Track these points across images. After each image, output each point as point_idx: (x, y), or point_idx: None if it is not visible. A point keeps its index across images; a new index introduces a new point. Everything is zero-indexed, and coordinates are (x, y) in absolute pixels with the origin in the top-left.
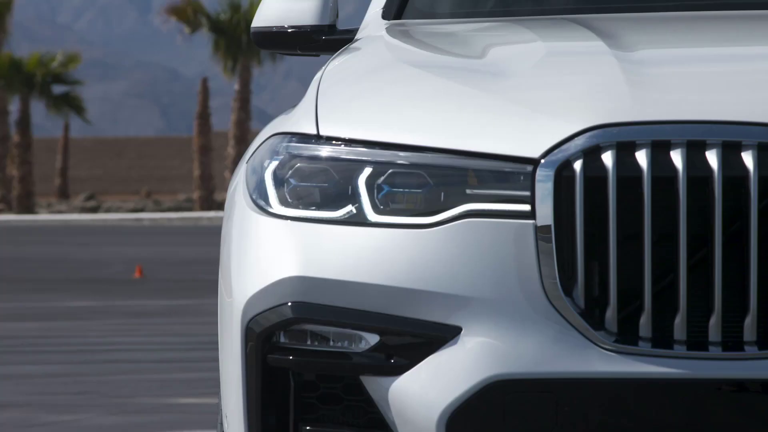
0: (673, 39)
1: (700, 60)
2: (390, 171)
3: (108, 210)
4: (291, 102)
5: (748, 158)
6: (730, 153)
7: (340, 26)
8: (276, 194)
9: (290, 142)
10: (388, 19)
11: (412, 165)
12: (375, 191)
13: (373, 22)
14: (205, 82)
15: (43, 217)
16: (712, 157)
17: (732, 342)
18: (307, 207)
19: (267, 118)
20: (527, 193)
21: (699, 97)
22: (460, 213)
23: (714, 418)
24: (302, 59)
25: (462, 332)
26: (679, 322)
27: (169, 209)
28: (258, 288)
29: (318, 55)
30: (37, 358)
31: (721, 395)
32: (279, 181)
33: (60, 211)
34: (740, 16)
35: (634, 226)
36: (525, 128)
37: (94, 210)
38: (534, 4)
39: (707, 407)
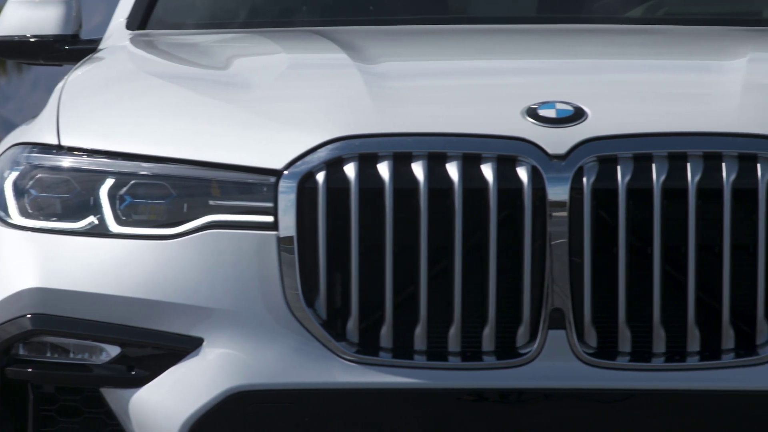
0: (416, 52)
1: (442, 73)
2: (132, 182)
3: None
4: (39, 112)
5: (487, 170)
6: (470, 165)
7: (87, 36)
8: (16, 205)
9: (31, 152)
10: (132, 30)
11: (154, 176)
12: (117, 202)
13: (116, 32)
14: None
15: None
16: (453, 170)
17: (471, 352)
18: (48, 218)
19: (14, 129)
20: (270, 205)
21: (440, 110)
22: (202, 224)
23: (454, 427)
24: (50, 69)
25: (204, 343)
26: (420, 332)
27: None
28: None
29: (61, 65)
30: None
31: (461, 405)
32: (19, 192)
33: None
34: (484, 31)
35: (377, 237)
36: (268, 140)
37: None
38: (279, 16)
39: (448, 417)
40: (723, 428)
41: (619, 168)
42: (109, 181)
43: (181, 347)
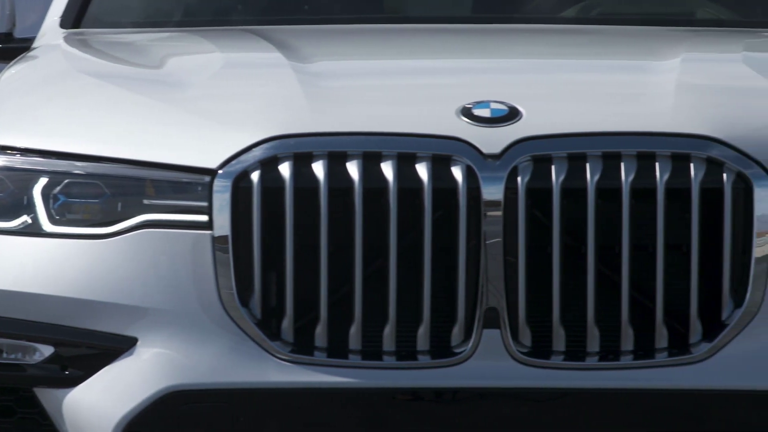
0: (351, 51)
1: (377, 73)
2: (66, 181)
3: None
4: None
5: (422, 170)
6: (405, 165)
7: (22, 35)
8: None
9: None
10: (67, 28)
11: (88, 175)
12: (51, 201)
13: (50, 31)
14: None
15: None
16: (388, 169)
17: (406, 352)
18: None
19: None
20: (205, 204)
21: (375, 110)
22: (137, 223)
23: (389, 426)
24: None
25: (138, 343)
26: (355, 332)
27: None
28: None
29: None
30: None
31: (396, 404)
32: None
33: None
34: (419, 30)
35: (312, 236)
36: (203, 139)
37: None
38: (215, 15)
39: (382, 416)
40: (656, 427)
41: (553, 167)
42: (43, 181)
43: (115, 347)
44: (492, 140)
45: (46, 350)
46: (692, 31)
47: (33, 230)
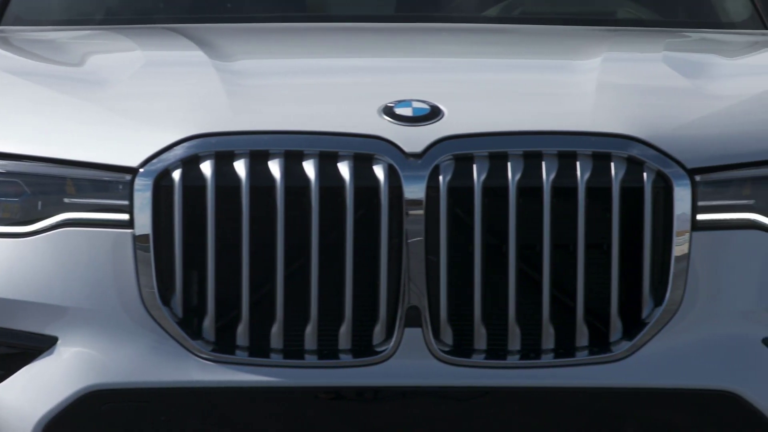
0: (274, 50)
1: (299, 71)
2: None
3: None
4: None
5: (344, 169)
6: (327, 164)
7: None
8: None
9: None
10: None
11: (8, 174)
12: None
13: None
14: None
15: None
16: (310, 168)
17: (328, 351)
18: None
19: None
20: (126, 203)
21: (297, 109)
22: (57, 222)
23: (311, 425)
24: None
25: (58, 342)
26: (276, 331)
27: None
28: None
29: None
30: None
31: (318, 403)
32: None
33: None
34: (342, 29)
35: (233, 235)
36: (124, 137)
37: None
38: (137, 14)
39: (304, 415)
40: (576, 425)
41: (474, 166)
42: None
43: (35, 346)
44: (414, 139)
45: None
46: (613, 30)
47: None
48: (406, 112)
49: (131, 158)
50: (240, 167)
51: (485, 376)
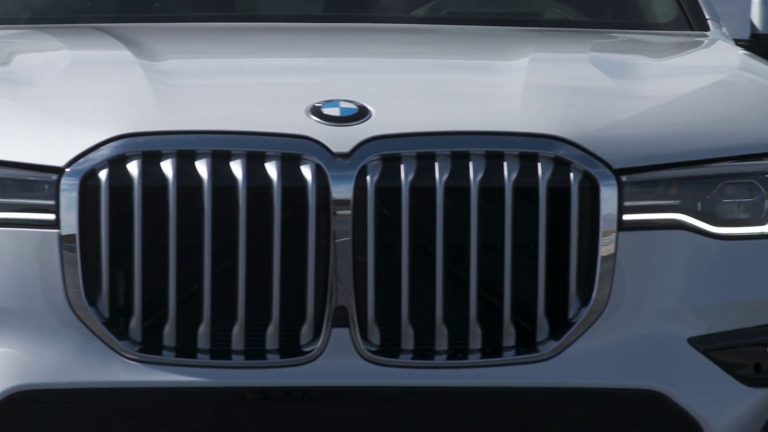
0: (202, 50)
1: (227, 71)
2: None
3: None
4: None
5: (272, 169)
6: (255, 164)
7: None
8: None
9: None
10: None
11: None
12: None
13: None
14: None
15: None
16: (237, 168)
17: (255, 351)
18: None
19: None
20: (52, 203)
21: (225, 108)
22: None
23: (239, 425)
24: None
25: None
26: (203, 331)
27: None
28: None
29: None
30: None
31: (246, 403)
32: None
33: None
34: (271, 29)
35: (160, 235)
36: (50, 137)
37: None
38: (64, 13)
39: (232, 415)
40: (503, 424)
41: (402, 167)
42: None
43: None
44: (341, 139)
45: None
46: (540, 31)
47: None
48: (333, 112)
49: (57, 158)
50: (167, 167)
51: (412, 376)
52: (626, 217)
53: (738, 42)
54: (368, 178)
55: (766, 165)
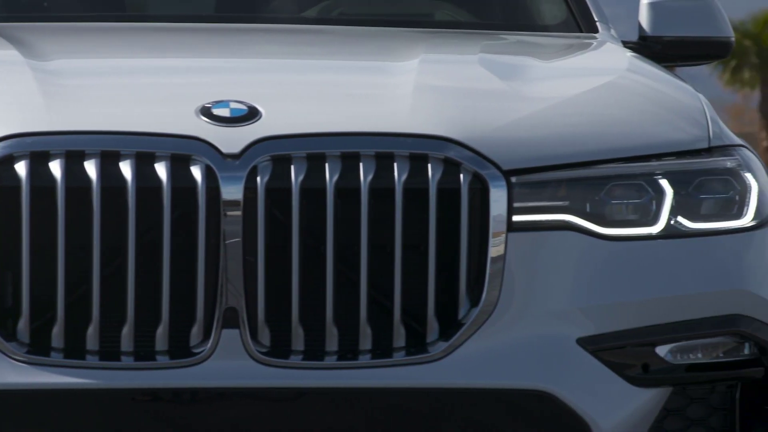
0: (91, 50)
1: (117, 72)
2: None
3: None
4: None
5: (161, 169)
6: (144, 164)
7: None
8: None
9: None
10: None
11: None
12: None
13: None
14: None
15: None
16: (126, 168)
17: (145, 352)
18: None
19: None
20: None
21: (114, 109)
22: None
23: (128, 427)
24: None
25: None
26: (92, 332)
27: None
28: None
29: None
30: None
31: (135, 405)
32: None
33: None
34: (161, 29)
35: (49, 236)
36: None
37: None
38: None
39: (121, 417)
40: (393, 425)
41: (292, 167)
42: None
43: None
44: (231, 140)
45: None
46: (431, 32)
47: None
48: (223, 112)
49: None
50: (55, 167)
51: (302, 377)
52: (516, 218)
53: (626, 44)
54: (258, 179)
55: (653, 166)
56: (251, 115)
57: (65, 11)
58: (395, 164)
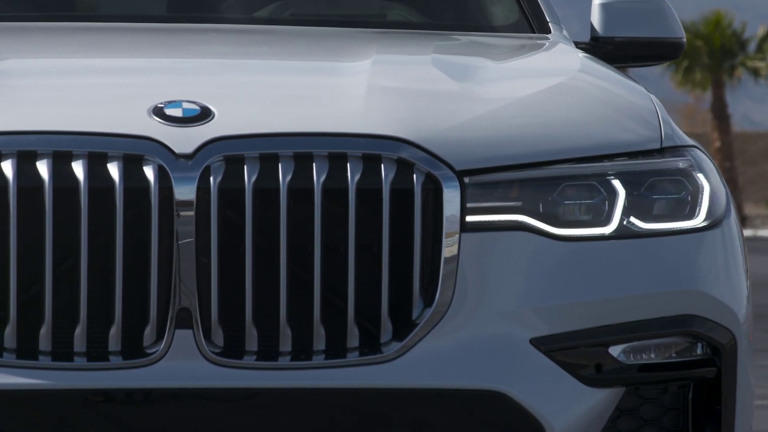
0: (41, 50)
1: (68, 72)
2: None
3: None
4: None
5: (114, 170)
6: (97, 164)
7: None
8: None
9: None
10: None
11: None
12: None
13: None
14: None
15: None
16: (78, 169)
17: (97, 353)
18: None
19: None
20: None
21: (66, 109)
22: None
23: (81, 428)
24: None
25: None
26: (45, 332)
27: None
28: None
29: None
30: None
31: (88, 405)
32: None
33: None
34: (112, 29)
35: (1, 236)
36: None
37: None
38: None
39: (74, 417)
40: (346, 425)
41: (245, 168)
42: None
43: None
44: (184, 140)
45: None
46: (383, 33)
47: None
48: (176, 112)
49: None
50: (7, 168)
51: (255, 378)
52: (469, 218)
53: (578, 44)
54: (211, 179)
55: (606, 167)
56: (204, 115)
57: (14, 11)
58: (348, 165)
